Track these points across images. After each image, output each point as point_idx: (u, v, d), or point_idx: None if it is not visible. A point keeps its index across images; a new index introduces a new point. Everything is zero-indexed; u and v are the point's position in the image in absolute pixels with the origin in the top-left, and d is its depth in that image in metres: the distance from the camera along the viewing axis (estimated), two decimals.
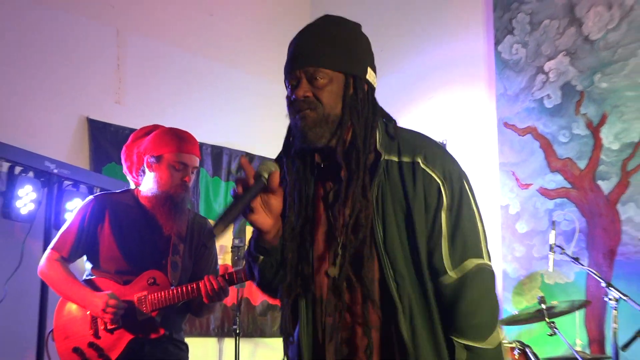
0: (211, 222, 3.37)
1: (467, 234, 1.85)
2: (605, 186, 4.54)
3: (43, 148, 4.18)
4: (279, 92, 5.63)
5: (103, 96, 4.97)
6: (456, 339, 1.82)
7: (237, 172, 5.44)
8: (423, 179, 1.84)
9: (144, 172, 3.09)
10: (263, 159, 5.79)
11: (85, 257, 3.13)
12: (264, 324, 5.64)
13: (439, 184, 1.84)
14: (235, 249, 5.05)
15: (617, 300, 3.85)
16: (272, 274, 1.93)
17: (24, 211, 3.89)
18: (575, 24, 4.78)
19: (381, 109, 1.96)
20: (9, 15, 4.51)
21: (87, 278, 3.08)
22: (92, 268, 3.09)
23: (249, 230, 5.59)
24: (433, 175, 1.84)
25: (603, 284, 3.94)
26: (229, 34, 5.82)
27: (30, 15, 4.62)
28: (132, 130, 3.29)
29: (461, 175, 1.90)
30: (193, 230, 3.19)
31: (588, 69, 4.69)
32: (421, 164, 1.85)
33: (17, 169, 3.90)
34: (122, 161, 3.22)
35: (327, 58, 1.84)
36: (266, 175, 1.76)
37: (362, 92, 1.88)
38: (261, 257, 1.90)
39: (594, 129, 4.63)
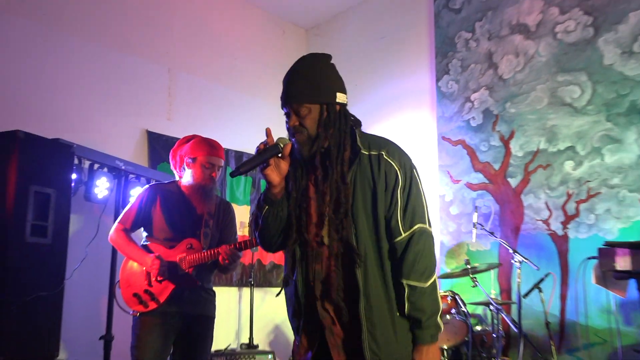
0: (234, 205, 3.32)
1: (415, 206, 1.88)
2: (513, 182, 4.52)
3: (115, 151, 4.16)
4: (282, 114, 5.66)
5: (158, 115, 4.95)
6: (405, 281, 1.84)
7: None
8: (385, 166, 1.88)
9: (184, 169, 3.06)
10: None
11: (142, 229, 3.09)
12: (271, 278, 5.60)
13: (396, 170, 1.88)
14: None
15: (520, 262, 3.84)
16: (275, 224, 1.93)
17: (100, 196, 3.86)
18: (492, 67, 4.76)
19: (353, 117, 1.98)
20: (95, 62, 4.52)
21: (144, 244, 3.05)
22: (147, 236, 3.06)
23: None
24: (393, 163, 1.89)
25: (510, 251, 3.94)
26: (249, 72, 5.80)
27: (109, 59, 4.62)
28: (178, 139, 3.27)
29: (412, 166, 1.94)
30: (219, 210, 3.15)
31: (501, 99, 4.67)
32: (384, 155, 1.89)
33: (96, 166, 3.87)
34: (170, 160, 3.20)
35: (306, 96, 1.89)
36: (282, 145, 1.82)
37: (334, 112, 1.90)
38: (266, 207, 1.90)
39: (505, 142, 4.61)
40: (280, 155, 1.85)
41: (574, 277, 4.05)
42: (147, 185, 3.22)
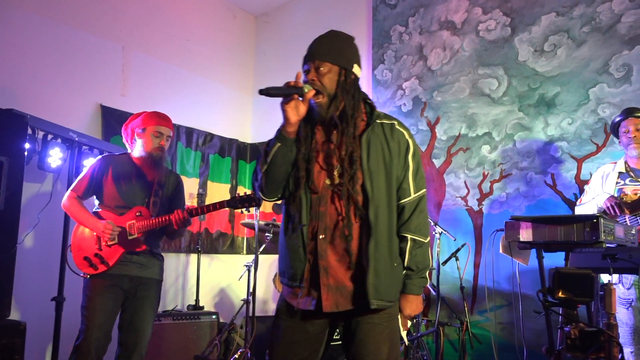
0: (184, 178, 3.26)
1: (422, 173, 2.00)
2: (437, 162, 4.63)
3: (70, 123, 3.99)
4: (231, 94, 5.55)
5: (112, 90, 4.77)
6: (410, 235, 1.93)
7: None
8: (398, 134, 1.96)
9: (135, 140, 2.99)
10: (221, 137, 5.67)
11: (95, 197, 3.00)
12: (218, 245, 5.55)
13: (407, 140, 1.98)
14: (199, 195, 4.94)
15: (440, 234, 3.94)
16: (284, 163, 1.92)
17: (53, 165, 3.70)
18: (422, 59, 4.82)
19: (363, 92, 2.03)
20: (51, 37, 4.29)
21: (95, 210, 2.96)
22: (99, 204, 2.98)
23: (210, 185, 5.48)
24: (405, 133, 1.98)
25: (432, 224, 4.03)
26: (199, 53, 5.65)
27: (65, 35, 4.40)
28: (131, 114, 3.18)
29: (415, 140, 2.03)
30: (169, 181, 3.09)
31: (429, 88, 4.75)
32: (396, 125, 1.98)
33: (49, 136, 3.70)
34: (122, 134, 3.11)
35: (328, 56, 1.92)
36: (306, 90, 1.82)
37: (350, 79, 1.95)
38: (278, 144, 1.89)
39: (432, 126, 4.70)
40: (302, 98, 1.86)
41: (486, 247, 4.21)
42: (100, 156, 3.12)
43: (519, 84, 4.21)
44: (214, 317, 4.49)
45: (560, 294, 1.89)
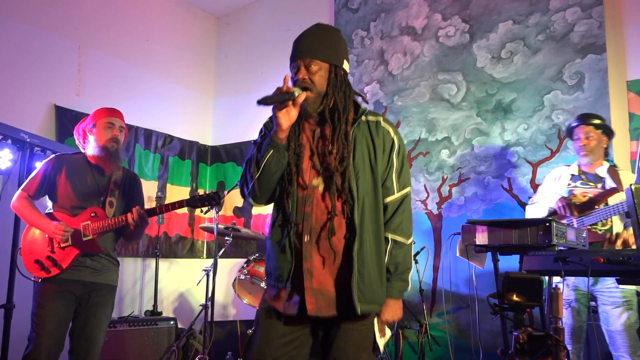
0: (142, 180, 3.19)
1: (406, 171, 1.98)
2: None
3: (21, 124, 3.82)
4: (191, 96, 5.47)
5: (67, 90, 4.65)
6: (391, 235, 1.91)
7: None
8: (383, 132, 1.94)
9: (87, 139, 2.94)
10: (180, 139, 5.60)
11: (47, 197, 2.92)
12: (177, 249, 5.46)
13: (392, 137, 1.95)
14: (158, 198, 4.86)
15: None
16: (277, 169, 1.88)
17: (2, 167, 3.55)
18: (384, 64, 4.88)
19: (352, 88, 2.01)
20: (2, 33, 4.15)
21: (48, 212, 2.88)
22: (52, 204, 2.89)
23: (170, 188, 5.39)
24: (390, 130, 1.96)
25: None
26: (159, 54, 5.57)
27: (18, 32, 4.26)
28: (87, 114, 3.11)
29: (402, 136, 2.02)
30: (126, 180, 3.02)
31: (390, 92, 4.81)
32: (382, 122, 1.96)
33: None
34: (75, 136, 3.04)
35: (319, 53, 1.89)
36: (296, 94, 1.81)
37: (340, 76, 1.92)
38: (271, 151, 1.84)
39: None
40: (293, 102, 1.81)
41: (444, 250, 4.28)
42: (53, 155, 3.04)
43: (477, 89, 4.31)
44: (172, 322, 4.42)
45: (509, 298, 1.93)
